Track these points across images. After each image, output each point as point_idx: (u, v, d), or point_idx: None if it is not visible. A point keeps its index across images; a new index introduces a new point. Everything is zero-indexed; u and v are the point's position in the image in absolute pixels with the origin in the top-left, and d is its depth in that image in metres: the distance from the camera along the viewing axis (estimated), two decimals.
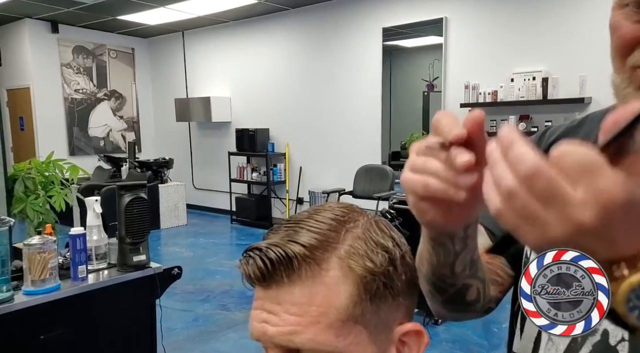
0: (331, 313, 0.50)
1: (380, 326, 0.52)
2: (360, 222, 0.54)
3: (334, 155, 6.39)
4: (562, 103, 4.48)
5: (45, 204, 3.59)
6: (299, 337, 0.49)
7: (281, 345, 0.50)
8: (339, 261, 0.51)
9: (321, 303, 0.50)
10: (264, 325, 0.51)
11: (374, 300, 0.51)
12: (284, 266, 0.50)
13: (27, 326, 1.69)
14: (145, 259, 2.04)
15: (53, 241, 1.74)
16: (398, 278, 0.53)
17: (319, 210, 0.56)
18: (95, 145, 8.03)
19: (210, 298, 4.32)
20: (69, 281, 1.85)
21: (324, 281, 0.50)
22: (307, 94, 6.59)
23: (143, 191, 2.04)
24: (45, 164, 3.65)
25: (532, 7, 4.64)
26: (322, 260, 0.51)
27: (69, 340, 1.79)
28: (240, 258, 0.54)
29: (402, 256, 0.54)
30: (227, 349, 3.39)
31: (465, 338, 3.44)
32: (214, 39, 7.61)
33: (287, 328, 0.50)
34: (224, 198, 7.63)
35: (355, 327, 0.51)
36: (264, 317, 0.51)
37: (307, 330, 0.49)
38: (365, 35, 5.89)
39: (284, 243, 0.50)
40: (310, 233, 0.51)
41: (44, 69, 7.40)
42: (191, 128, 8.25)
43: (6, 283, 1.63)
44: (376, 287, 0.51)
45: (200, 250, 5.96)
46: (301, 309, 0.50)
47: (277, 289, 0.51)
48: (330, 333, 0.50)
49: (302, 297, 0.50)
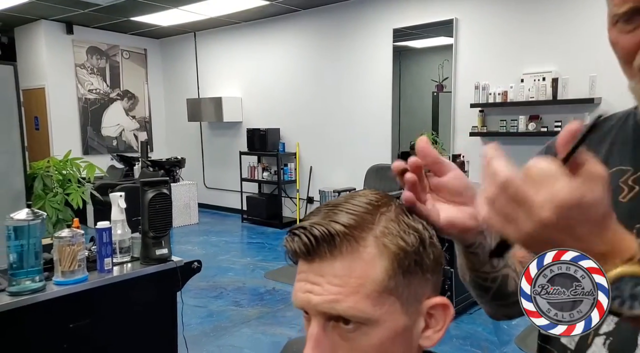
0: (368, 284, 0.56)
1: (411, 298, 0.59)
2: (393, 206, 0.61)
3: (344, 154, 6.45)
4: (571, 103, 4.51)
5: (62, 201, 3.68)
6: (340, 305, 0.55)
7: (324, 312, 0.56)
8: (375, 240, 0.57)
9: (360, 275, 0.56)
10: (308, 295, 0.57)
11: (405, 274, 0.57)
12: (327, 242, 0.56)
13: (58, 315, 1.76)
14: (167, 253, 2.11)
15: (81, 234, 1.81)
16: (427, 256, 0.59)
17: (355, 195, 0.62)
18: (108, 145, 8.15)
19: (223, 295, 4.39)
20: (95, 273, 1.93)
21: (362, 257, 0.56)
22: (318, 94, 6.66)
23: (165, 187, 2.11)
24: (63, 162, 3.75)
25: (542, 8, 4.68)
26: (360, 238, 0.57)
27: (96, 329, 1.87)
28: (285, 236, 0.60)
29: (430, 237, 0.60)
30: (241, 344, 3.46)
31: (476, 334, 3.48)
32: (225, 40, 7.70)
33: (330, 297, 0.56)
34: (235, 198, 7.72)
35: (389, 298, 0.57)
36: (308, 288, 0.58)
37: (348, 299, 0.55)
38: (376, 36, 5.95)
39: (326, 223, 0.57)
40: (349, 215, 0.58)
41: (59, 70, 7.52)
42: (202, 128, 8.35)
43: (39, 274, 1.71)
44: (408, 263, 0.57)
45: (212, 248, 6.05)
46: (342, 281, 0.56)
47: (320, 263, 0.57)
48: (368, 303, 0.56)
49: (342, 269, 0.56)
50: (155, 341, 2.16)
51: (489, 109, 5.09)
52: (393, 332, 0.57)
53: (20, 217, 1.63)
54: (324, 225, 0.56)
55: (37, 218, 1.66)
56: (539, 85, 4.67)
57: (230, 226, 7.31)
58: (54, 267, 1.79)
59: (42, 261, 1.73)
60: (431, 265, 0.60)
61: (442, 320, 0.61)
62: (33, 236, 1.66)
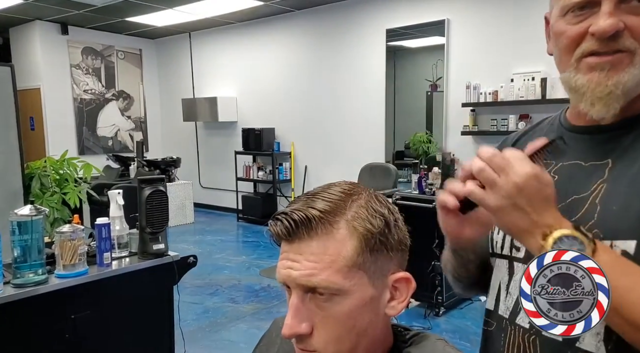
0: (340, 260, 0.65)
1: (377, 273, 0.68)
2: (363, 195, 0.70)
3: (339, 154, 6.52)
4: (560, 102, 4.60)
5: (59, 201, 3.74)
6: (315, 278, 0.65)
7: (302, 284, 0.66)
8: (346, 223, 0.66)
9: (332, 253, 0.65)
10: (289, 270, 0.67)
11: (372, 252, 0.67)
12: (305, 225, 0.65)
13: (60, 306, 1.83)
14: (164, 248, 2.18)
15: (81, 230, 1.88)
16: (392, 237, 0.69)
17: (331, 185, 0.72)
18: (103, 145, 8.19)
19: (219, 292, 4.46)
20: (95, 267, 2.00)
21: (334, 237, 0.66)
22: (312, 94, 6.73)
23: (162, 185, 2.18)
24: (60, 162, 3.80)
25: (531, 10, 4.76)
26: (334, 222, 0.66)
27: (96, 320, 1.94)
28: (269, 221, 0.69)
29: (395, 220, 0.70)
30: (237, 338, 3.53)
31: (465, 328, 3.57)
32: (220, 40, 7.76)
33: (307, 271, 0.65)
34: (231, 197, 7.78)
35: (358, 272, 0.66)
36: (288, 264, 0.67)
37: (322, 273, 0.65)
38: (369, 36, 6.02)
39: (305, 208, 0.66)
40: (324, 201, 0.67)
41: (54, 70, 7.56)
42: (198, 127, 8.41)
43: (42, 267, 1.78)
44: (374, 242, 0.67)
45: (208, 246, 6.11)
46: (317, 257, 0.65)
47: (299, 243, 0.66)
48: (339, 276, 0.65)
49: (318, 248, 0.65)
50: (153, 332, 2.23)
51: (480, 108, 5.17)
52: (362, 301, 0.66)
53: (23, 213, 1.70)
54: (302, 211, 0.66)
55: (40, 214, 1.73)
56: (528, 85, 4.76)
57: (225, 225, 7.37)
58: (56, 260, 1.86)
59: (44, 255, 1.80)
60: (395, 245, 0.69)
61: (405, 292, 0.70)
62: (36, 231, 1.72)
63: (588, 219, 0.72)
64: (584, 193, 0.75)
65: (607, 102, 0.72)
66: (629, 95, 0.72)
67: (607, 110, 0.72)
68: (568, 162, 0.80)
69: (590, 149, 0.78)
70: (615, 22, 0.69)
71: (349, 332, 0.66)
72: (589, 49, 0.72)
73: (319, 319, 0.66)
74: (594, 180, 0.75)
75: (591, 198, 0.74)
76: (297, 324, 0.66)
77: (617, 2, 0.69)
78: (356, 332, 0.67)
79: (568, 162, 0.80)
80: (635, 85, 0.71)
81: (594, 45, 0.71)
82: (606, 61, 0.71)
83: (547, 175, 0.66)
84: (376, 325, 0.69)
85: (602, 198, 0.72)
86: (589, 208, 0.73)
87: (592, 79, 0.72)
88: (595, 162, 0.76)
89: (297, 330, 0.66)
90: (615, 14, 0.69)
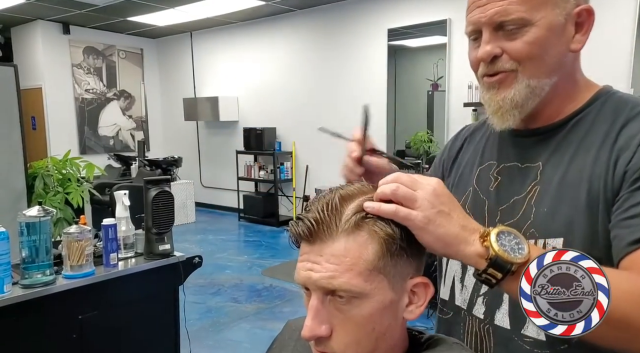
0: (361, 264, 0.65)
1: (397, 277, 0.68)
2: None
3: (340, 153, 6.46)
4: None
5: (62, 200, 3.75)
6: (336, 280, 0.65)
7: (322, 286, 0.66)
8: (367, 226, 0.67)
9: (353, 256, 0.65)
10: (309, 272, 0.66)
11: (392, 257, 0.67)
12: (326, 227, 0.66)
13: (67, 307, 1.85)
14: (169, 248, 2.19)
15: (88, 230, 1.89)
16: (412, 243, 0.69)
17: (347, 187, 0.72)
18: (105, 144, 8.20)
19: (221, 292, 4.47)
20: (101, 267, 2.01)
21: (356, 240, 0.66)
22: (314, 94, 6.74)
23: (167, 185, 2.19)
24: (63, 161, 3.81)
25: None
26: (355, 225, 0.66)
27: (103, 321, 1.95)
28: (290, 222, 0.70)
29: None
30: (239, 338, 3.54)
31: None
32: (221, 40, 7.77)
33: (328, 273, 0.65)
34: (232, 196, 7.79)
35: (378, 276, 0.66)
36: (309, 266, 0.67)
37: (343, 275, 0.64)
38: (371, 35, 6.03)
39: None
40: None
41: (56, 70, 7.56)
42: (199, 127, 8.41)
43: (49, 268, 1.79)
44: (395, 247, 0.67)
45: (210, 246, 6.12)
46: (338, 259, 0.65)
47: (320, 245, 0.66)
48: (360, 279, 0.65)
49: (339, 250, 0.65)
50: (158, 333, 2.24)
51: (482, 108, 5.13)
52: (381, 305, 0.66)
53: (32, 214, 1.71)
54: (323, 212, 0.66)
55: (48, 215, 1.74)
56: None
57: (227, 225, 7.38)
58: (63, 261, 1.87)
59: (52, 256, 1.81)
60: (414, 250, 0.70)
61: (424, 297, 0.71)
62: (44, 232, 1.74)
63: (526, 219, 0.81)
64: (522, 193, 0.84)
65: (501, 115, 0.83)
66: (524, 107, 0.81)
67: (503, 121, 0.83)
68: (509, 163, 0.88)
69: (524, 151, 0.87)
70: (490, 49, 0.80)
71: (368, 336, 0.67)
72: (482, 72, 0.84)
73: (338, 322, 0.66)
74: (529, 182, 0.84)
75: (527, 200, 0.83)
76: (317, 326, 0.66)
77: (493, 30, 0.80)
78: (375, 336, 0.67)
79: (509, 163, 0.88)
80: (525, 97, 0.81)
81: (484, 69, 0.83)
82: (494, 81, 0.83)
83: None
84: (395, 329, 0.69)
85: (536, 201, 0.81)
86: (526, 209, 0.82)
87: (486, 96, 0.85)
88: (530, 164, 0.85)
89: (317, 332, 0.66)
90: (492, 41, 0.80)
